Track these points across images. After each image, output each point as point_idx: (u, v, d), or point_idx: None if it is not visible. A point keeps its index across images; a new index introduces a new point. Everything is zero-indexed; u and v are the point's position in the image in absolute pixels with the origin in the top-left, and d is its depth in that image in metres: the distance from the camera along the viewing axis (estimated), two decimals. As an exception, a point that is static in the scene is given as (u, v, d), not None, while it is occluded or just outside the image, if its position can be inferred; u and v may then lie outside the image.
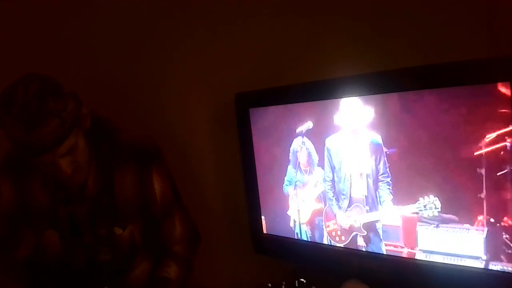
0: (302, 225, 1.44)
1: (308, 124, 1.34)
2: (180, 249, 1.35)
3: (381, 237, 1.26)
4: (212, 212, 1.63)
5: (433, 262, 1.17)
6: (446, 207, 1.13)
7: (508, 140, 1.02)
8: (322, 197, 1.38)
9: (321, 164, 1.35)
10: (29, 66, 1.15)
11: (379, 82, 1.17)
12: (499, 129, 1.02)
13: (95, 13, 1.52)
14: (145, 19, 1.54)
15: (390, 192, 1.21)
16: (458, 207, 1.11)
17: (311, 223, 1.42)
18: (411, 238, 1.20)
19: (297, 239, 1.43)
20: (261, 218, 1.48)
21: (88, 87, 1.40)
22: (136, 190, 1.27)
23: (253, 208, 1.49)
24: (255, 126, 1.43)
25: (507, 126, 1.01)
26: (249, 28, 1.49)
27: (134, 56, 1.54)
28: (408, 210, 1.18)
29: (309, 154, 1.37)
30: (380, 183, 1.22)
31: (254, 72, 1.47)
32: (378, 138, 1.20)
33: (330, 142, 1.31)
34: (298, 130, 1.37)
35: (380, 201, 1.24)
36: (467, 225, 1.11)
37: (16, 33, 1.48)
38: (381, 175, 1.22)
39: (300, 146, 1.38)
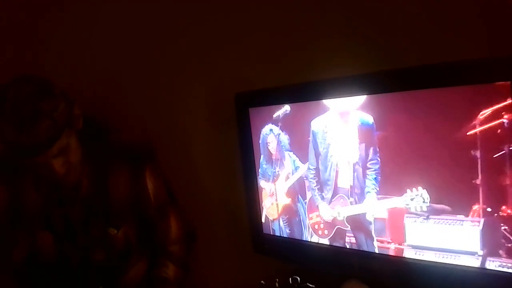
0: (275, 221, 1.37)
1: (285, 108, 1.24)
2: (177, 249, 1.36)
3: (373, 233, 1.13)
4: (212, 211, 1.60)
5: (435, 261, 1.04)
6: (437, 196, 1.00)
7: (506, 116, 0.89)
8: (293, 191, 1.29)
9: (295, 151, 1.25)
10: (23, 65, 1.18)
11: (378, 82, 1.07)
12: (495, 104, 0.89)
13: (93, 11, 1.50)
14: (145, 18, 1.50)
15: (376, 182, 1.09)
16: (450, 196, 0.98)
17: (286, 218, 1.33)
18: (398, 232, 1.07)
19: (297, 239, 1.34)
20: (261, 217, 1.42)
21: (86, 86, 1.40)
22: (129, 191, 1.28)
23: (253, 208, 1.44)
24: (254, 126, 1.37)
25: (504, 99, 0.88)
26: (249, 28, 1.47)
27: (133, 55, 1.51)
28: (394, 203, 1.06)
29: (279, 142, 1.26)
30: (368, 171, 1.10)
31: (254, 72, 1.45)
32: (369, 119, 1.08)
33: (316, 124, 1.19)
34: (274, 116, 1.28)
35: (365, 192, 1.12)
36: (461, 216, 0.97)
37: (11, 30, 1.46)
38: (369, 161, 1.09)
39: (268, 134, 1.29)
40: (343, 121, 1.13)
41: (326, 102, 1.16)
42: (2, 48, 1.42)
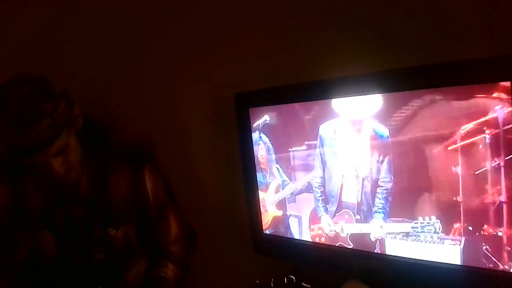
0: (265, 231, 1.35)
1: (265, 118, 1.24)
2: (176, 249, 1.34)
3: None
4: (212, 212, 1.60)
5: (436, 262, 0.98)
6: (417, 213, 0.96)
7: (487, 131, 0.84)
8: (283, 204, 1.28)
9: (282, 166, 1.23)
10: (23, 65, 1.15)
11: (379, 81, 1.03)
12: (476, 118, 0.84)
13: (92, 11, 1.51)
14: (145, 18, 1.51)
15: (386, 202, 1.02)
16: (431, 213, 0.94)
17: (273, 229, 1.34)
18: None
19: (297, 240, 1.33)
20: (261, 218, 1.42)
21: (86, 86, 1.40)
22: (129, 190, 1.27)
23: (253, 208, 1.43)
24: (255, 126, 1.36)
25: (485, 114, 0.83)
26: (249, 28, 1.44)
27: (134, 55, 1.52)
28: (403, 227, 1.00)
29: (268, 150, 1.24)
30: (378, 189, 1.03)
31: (254, 72, 1.42)
32: (384, 131, 1.00)
33: (325, 129, 1.14)
34: (255, 125, 1.27)
35: (372, 211, 1.05)
36: (442, 235, 0.93)
37: (10, 32, 1.49)
38: (381, 179, 1.02)
39: (258, 142, 1.27)
40: (355, 129, 1.06)
41: (335, 107, 1.10)
42: (3, 50, 1.45)
